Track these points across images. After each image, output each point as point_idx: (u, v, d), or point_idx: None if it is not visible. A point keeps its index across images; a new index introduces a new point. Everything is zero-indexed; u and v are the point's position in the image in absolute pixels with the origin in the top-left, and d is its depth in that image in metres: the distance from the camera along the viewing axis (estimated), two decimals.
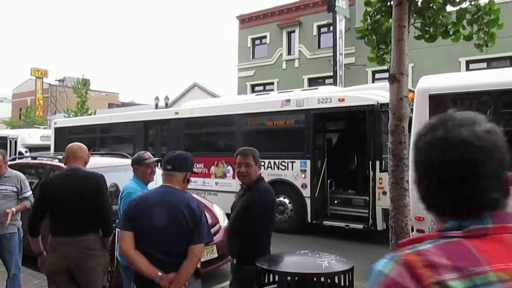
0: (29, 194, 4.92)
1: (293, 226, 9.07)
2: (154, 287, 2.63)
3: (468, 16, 3.55)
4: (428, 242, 0.90)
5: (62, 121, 15.89)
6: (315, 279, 2.83)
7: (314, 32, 23.37)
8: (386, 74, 3.47)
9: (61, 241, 3.55)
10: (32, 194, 5.04)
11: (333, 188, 9.15)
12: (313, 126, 9.06)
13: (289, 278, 2.86)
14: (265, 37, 25.26)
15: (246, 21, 26.05)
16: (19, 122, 38.20)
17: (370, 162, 8.23)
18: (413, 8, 3.38)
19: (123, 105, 43.90)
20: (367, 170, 8.33)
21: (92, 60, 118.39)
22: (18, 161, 7.52)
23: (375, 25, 3.82)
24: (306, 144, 9.12)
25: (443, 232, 0.90)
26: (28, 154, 14.26)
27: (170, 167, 2.86)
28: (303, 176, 9.04)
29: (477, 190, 0.90)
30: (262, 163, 9.24)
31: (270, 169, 9.38)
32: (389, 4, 3.57)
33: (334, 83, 19.77)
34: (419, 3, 3.42)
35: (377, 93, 8.42)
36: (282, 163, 9.32)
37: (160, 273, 2.62)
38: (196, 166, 10.75)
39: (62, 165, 6.18)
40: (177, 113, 11.62)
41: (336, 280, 2.88)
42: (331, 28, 21.38)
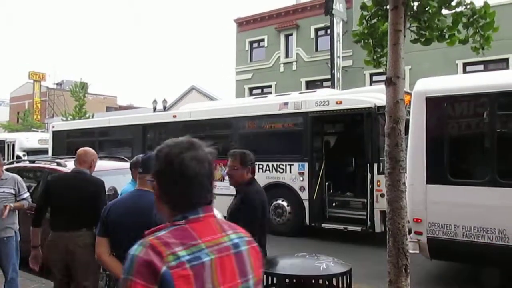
0: (26, 195, 4.93)
1: (291, 229, 9.08)
2: None
3: (464, 19, 3.57)
4: (163, 230, 1.35)
5: (60, 124, 15.88)
6: (314, 281, 2.86)
7: (312, 35, 23.43)
8: (384, 77, 3.48)
9: (59, 235, 3.79)
10: (30, 196, 5.06)
11: (331, 190, 9.17)
12: (311, 128, 9.08)
13: (287, 280, 2.88)
14: (262, 40, 25.30)
15: (244, 24, 26.10)
16: (17, 125, 38.14)
17: (368, 165, 8.25)
18: (409, 12, 3.40)
19: (121, 108, 43.90)
20: (365, 172, 8.35)
21: (90, 63, 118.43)
22: (16, 164, 7.51)
23: (371, 29, 3.85)
24: (304, 147, 9.14)
25: (173, 222, 1.36)
26: (26, 158, 14.25)
27: (141, 170, 2.90)
28: (301, 178, 9.05)
29: (195, 192, 1.35)
30: (260, 166, 9.40)
31: (268, 172, 9.39)
32: (385, 8, 3.60)
33: (332, 86, 19.81)
34: (415, 7, 3.44)
35: (374, 95, 8.44)
36: (280, 166, 9.33)
37: None
38: None
39: (60, 168, 6.19)
40: (175, 116, 11.63)
41: (334, 282, 2.90)
42: (329, 31, 21.44)
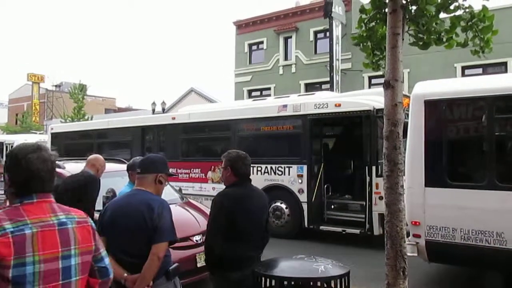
0: None
1: (290, 231, 9.08)
2: None
3: (462, 23, 3.58)
4: (1, 210, 1.79)
5: (59, 126, 15.87)
6: (312, 284, 2.86)
7: (311, 37, 23.48)
8: (383, 80, 3.49)
9: None
10: None
11: (329, 193, 9.17)
12: (309, 131, 9.09)
13: (285, 282, 2.88)
14: (262, 42, 25.35)
15: (243, 26, 26.15)
16: (16, 127, 38.10)
17: (367, 167, 8.26)
18: (407, 15, 3.42)
19: (120, 110, 43.89)
20: (364, 175, 8.36)
21: (89, 65, 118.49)
22: None
23: (370, 32, 3.86)
24: (303, 149, 9.15)
25: (12, 205, 1.80)
26: None
27: (139, 170, 3.00)
28: (300, 181, 9.06)
29: (34, 183, 1.81)
30: (259, 168, 9.41)
31: (267, 174, 9.40)
32: (383, 11, 3.61)
33: (331, 89, 19.86)
34: (413, 11, 3.46)
35: (373, 98, 8.46)
36: (279, 168, 9.34)
37: (126, 274, 2.71)
38: (193, 171, 10.80)
39: (58, 170, 6.19)
40: (174, 118, 11.64)
41: (332, 284, 2.90)
42: (328, 33, 21.50)
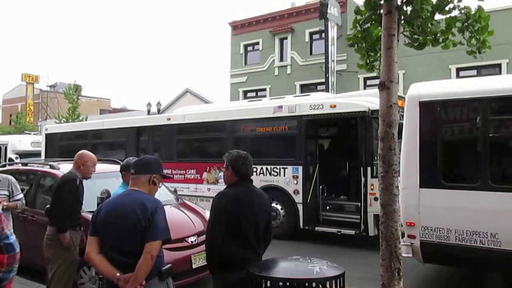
0: (20, 196, 4.93)
1: (285, 232, 9.07)
2: None
3: (458, 24, 3.59)
4: None
5: (53, 127, 15.79)
6: (307, 285, 2.85)
7: (306, 38, 23.52)
8: (378, 81, 3.50)
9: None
10: (23, 197, 5.05)
11: (325, 194, 9.17)
12: (305, 132, 9.10)
13: (281, 283, 2.87)
14: (257, 43, 25.37)
15: (239, 27, 26.16)
16: (10, 128, 37.93)
17: (362, 168, 8.27)
18: (402, 16, 3.42)
19: (115, 111, 43.79)
20: (359, 176, 8.37)
21: (84, 66, 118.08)
22: (8, 167, 7.46)
23: (365, 33, 3.86)
24: (298, 150, 9.16)
25: None
26: (18, 160, 14.15)
27: (133, 171, 3.00)
28: (295, 182, 9.06)
29: None
30: (254, 169, 9.37)
31: (262, 175, 9.39)
32: (378, 12, 3.61)
33: (326, 90, 19.89)
34: (408, 12, 3.46)
35: (368, 99, 8.47)
36: (274, 169, 9.34)
37: (118, 273, 2.70)
38: (188, 172, 10.78)
39: (53, 171, 6.15)
40: (169, 119, 11.61)
41: (327, 285, 2.89)
42: (323, 35, 21.55)
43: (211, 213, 3.24)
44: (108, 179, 5.38)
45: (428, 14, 3.44)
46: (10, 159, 15.56)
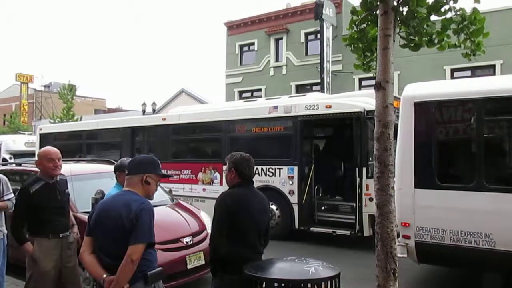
0: (10, 196, 4.85)
1: (280, 233, 9.07)
2: None
3: (453, 25, 3.59)
4: None
5: (47, 127, 15.70)
6: (302, 285, 2.84)
7: (302, 39, 23.54)
8: (373, 82, 3.50)
9: None
10: (14, 197, 4.97)
11: (320, 194, 9.18)
12: (300, 132, 9.10)
13: (276, 284, 2.86)
14: (253, 43, 25.37)
15: (234, 27, 26.14)
16: (4, 128, 37.70)
17: (357, 169, 8.28)
18: (398, 17, 3.42)
19: (110, 111, 43.66)
20: (354, 176, 8.38)
21: (78, 66, 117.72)
22: (1, 167, 7.40)
23: (361, 33, 3.86)
24: (293, 150, 9.15)
25: None
26: (12, 161, 14.06)
27: (126, 172, 2.99)
28: (291, 182, 9.06)
29: None
30: None
31: (257, 175, 9.37)
32: (374, 13, 3.62)
33: (322, 90, 19.92)
34: (404, 13, 3.46)
35: (363, 100, 8.49)
36: (270, 170, 9.33)
37: (105, 275, 2.68)
38: (183, 172, 10.75)
39: None
40: (164, 119, 11.57)
41: (323, 286, 2.89)
42: (319, 35, 21.57)
43: (215, 213, 3.25)
44: (102, 180, 5.36)
45: (424, 15, 3.44)
46: (4, 159, 15.45)
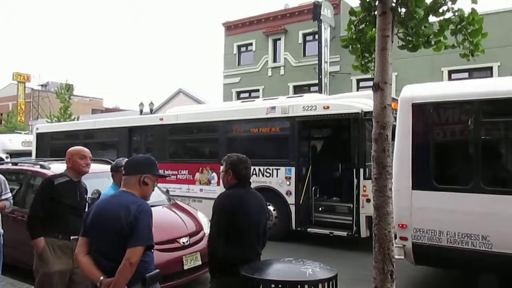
0: (8, 196, 4.84)
1: (277, 233, 9.05)
2: None
3: (451, 26, 3.59)
4: None
5: (44, 126, 15.66)
6: (299, 287, 2.83)
7: (300, 40, 23.55)
8: (371, 83, 3.49)
9: None
10: (12, 196, 4.96)
11: (317, 195, 9.17)
12: (298, 133, 9.09)
13: (273, 285, 2.85)
14: (251, 44, 25.37)
15: (232, 28, 26.14)
16: (0, 127, 37.55)
17: (354, 170, 8.27)
18: (396, 18, 3.42)
19: (107, 110, 43.56)
20: (351, 177, 8.37)
21: (76, 65, 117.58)
22: None
23: (360, 34, 3.86)
24: (291, 151, 9.15)
25: None
26: (8, 160, 14.01)
27: (124, 172, 2.95)
28: (288, 183, 9.05)
29: None
30: None
31: (255, 176, 9.36)
32: (373, 14, 3.61)
33: (319, 91, 19.93)
34: (402, 14, 3.46)
35: (361, 101, 8.49)
36: (267, 170, 9.32)
37: (102, 277, 2.64)
38: (180, 172, 10.73)
39: (43, 171, 6.09)
40: (162, 119, 11.55)
41: (320, 287, 2.88)
42: (317, 36, 21.59)
43: (213, 214, 3.25)
44: (99, 179, 5.33)
45: (422, 16, 3.44)
46: (0, 159, 15.38)
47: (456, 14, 3.49)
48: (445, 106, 5.65)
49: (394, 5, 3.36)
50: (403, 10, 3.45)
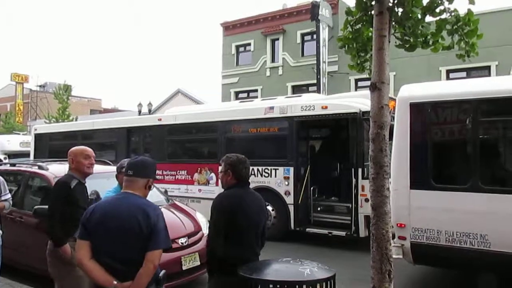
0: (8, 197, 4.82)
1: (276, 233, 9.05)
2: None
3: (448, 27, 3.60)
4: None
5: (43, 127, 15.64)
6: (297, 287, 2.83)
7: (298, 40, 23.56)
8: (369, 82, 3.49)
9: None
10: (11, 197, 4.95)
11: (316, 195, 9.18)
12: (296, 133, 9.09)
13: (271, 285, 2.85)
14: (249, 44, 25.37)
15: (230, 28, 26.14)
16: None
17: (353, 169, 8.28)
18: (393, 18, 3.42)
19: (106, 111, 43.52)
20: (350, 177, 8.38)
21: (74, 66, 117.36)
22: None
23: (356, 34, 3.86)
24: (289, 151, 9.15)
25: None
26: (7, 161, 13.98)
27: (131, 173, 2.81)
28: (287, 183, 9.05)
29: None
30: None
31: (253, 176, 9.36)
32: (370, 13, 3.61)
33: (318, 91, 19.95)
34: (399, 14, 3.46)
35: (359, 101, 8.50)
36: (266, 170, 9.32)
37: (115, 282, 2.58)
38: (179, 173, 10.73)
39: (41, 172, 6.08)
40: (160, 119, 11.55)
41: (318, 287, 2.88)
42: (315, 36, 21.61)
43: (212, 215, 3.24)
44: (97, 180, 5.30)
45: (418, 16, 3.44)
46: None
47: (452, 14, 3.49)
48: (443, 106, 5.66)
49: (390, 5, 3.36)
50: (400, 10, 3.45)
